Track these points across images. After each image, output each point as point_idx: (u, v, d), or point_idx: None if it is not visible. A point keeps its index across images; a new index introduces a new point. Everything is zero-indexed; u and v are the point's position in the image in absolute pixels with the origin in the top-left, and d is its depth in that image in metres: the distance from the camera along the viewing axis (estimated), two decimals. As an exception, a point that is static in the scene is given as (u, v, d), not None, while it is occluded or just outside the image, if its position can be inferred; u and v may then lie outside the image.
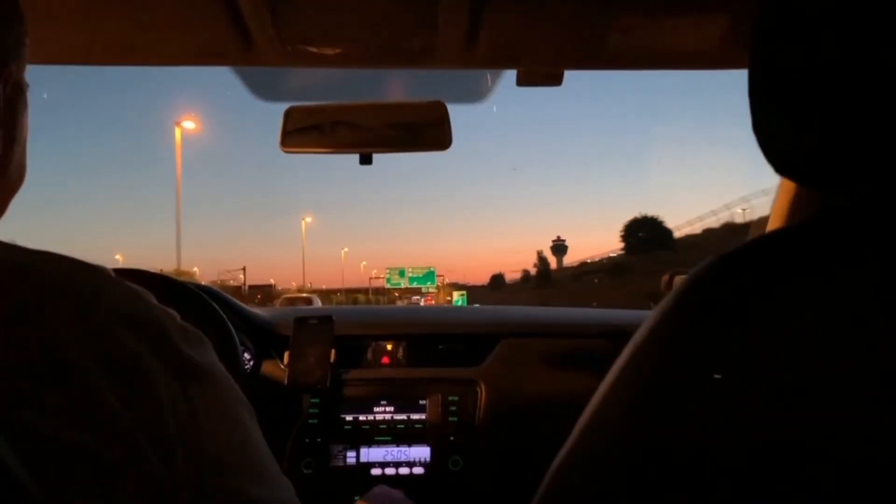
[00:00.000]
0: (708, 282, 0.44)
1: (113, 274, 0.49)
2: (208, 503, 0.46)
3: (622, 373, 0.46)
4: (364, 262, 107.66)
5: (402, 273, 50.13)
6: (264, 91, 1.13)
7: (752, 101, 0.48)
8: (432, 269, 51.80)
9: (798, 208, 0.96)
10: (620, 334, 1.47)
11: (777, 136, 0.46)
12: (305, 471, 1.42)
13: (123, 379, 0.43)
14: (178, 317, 0.50)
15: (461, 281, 79.14)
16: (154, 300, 0.50)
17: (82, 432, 0.39)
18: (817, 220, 0.44)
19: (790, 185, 0.98)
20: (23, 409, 0.38)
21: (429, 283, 49.27)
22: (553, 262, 69.03)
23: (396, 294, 53.22)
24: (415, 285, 49.76)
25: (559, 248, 69.28)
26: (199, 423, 0.47)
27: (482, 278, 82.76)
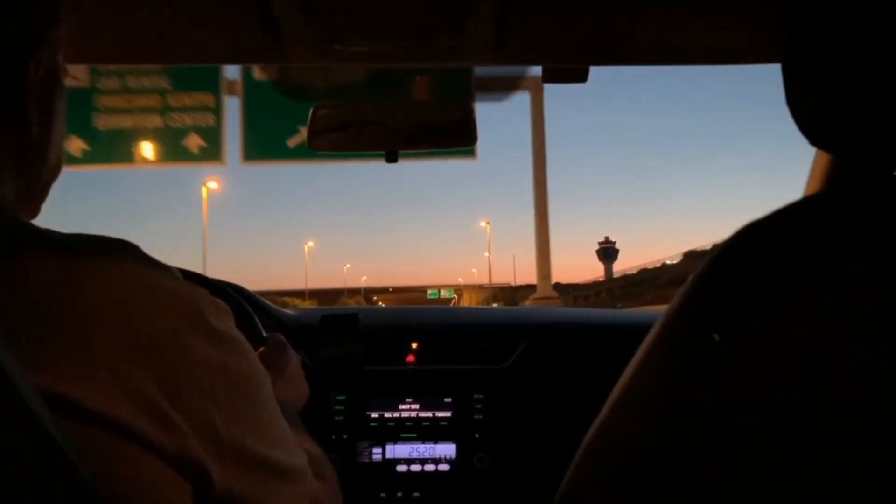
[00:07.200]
0: (729, 259, 0.45)
1: (144, 252, 0.50)
2: (242, 472, 0.48)
3: (648, 356, 0.48)
4: (348, 265, 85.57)
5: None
6: (291, 90, 1.15)
7: (785, 78, 0.50)
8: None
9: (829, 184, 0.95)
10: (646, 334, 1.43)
11: (808, 108, 0.49)
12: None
13: (157, 354, 0.44)
14: (207, 292, 0.51)
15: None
16: (181, 277, 0.51)
17: (117, 407, 0.41)
18: (834, 193, 0.46)
19: (822, 165, 0.96)
20: (60, 383, 0.40)
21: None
22: (601, 269, 57.97)
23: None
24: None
25: (608, 251, 59.27)
26: (233, 395, 0.48)
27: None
